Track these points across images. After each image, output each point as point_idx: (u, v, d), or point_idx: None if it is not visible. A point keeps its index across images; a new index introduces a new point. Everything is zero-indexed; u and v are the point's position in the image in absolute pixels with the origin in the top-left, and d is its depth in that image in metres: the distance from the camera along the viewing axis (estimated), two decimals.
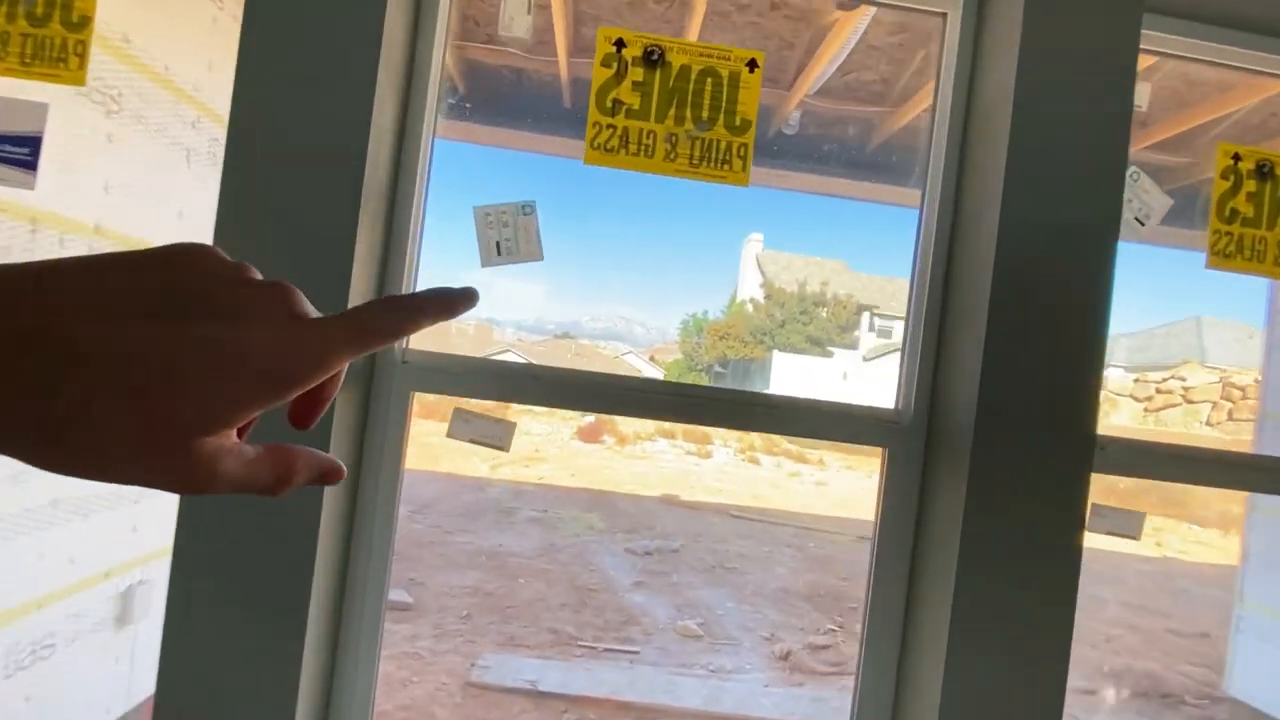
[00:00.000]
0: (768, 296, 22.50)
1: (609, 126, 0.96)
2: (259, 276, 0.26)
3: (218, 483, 0.24)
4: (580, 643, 3.38)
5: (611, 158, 0.95)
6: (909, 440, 0.99)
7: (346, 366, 0.28)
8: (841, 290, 22.34)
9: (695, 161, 0.97)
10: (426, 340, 0.92)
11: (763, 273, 24.13)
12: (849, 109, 2.87)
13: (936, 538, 0.90)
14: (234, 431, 0.25)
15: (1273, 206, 1.00)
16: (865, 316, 22.87)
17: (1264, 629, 3.06)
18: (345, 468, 0.30)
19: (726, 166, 0.98)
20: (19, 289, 0.21)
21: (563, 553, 4.97)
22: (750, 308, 22.77)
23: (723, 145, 0.97)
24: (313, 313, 0.26)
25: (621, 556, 5.01)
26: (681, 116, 0.96)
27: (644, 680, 3.03)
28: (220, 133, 2.10)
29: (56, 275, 0.22)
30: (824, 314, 21.63)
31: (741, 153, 0.97)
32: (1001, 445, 0.87)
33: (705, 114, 0.97)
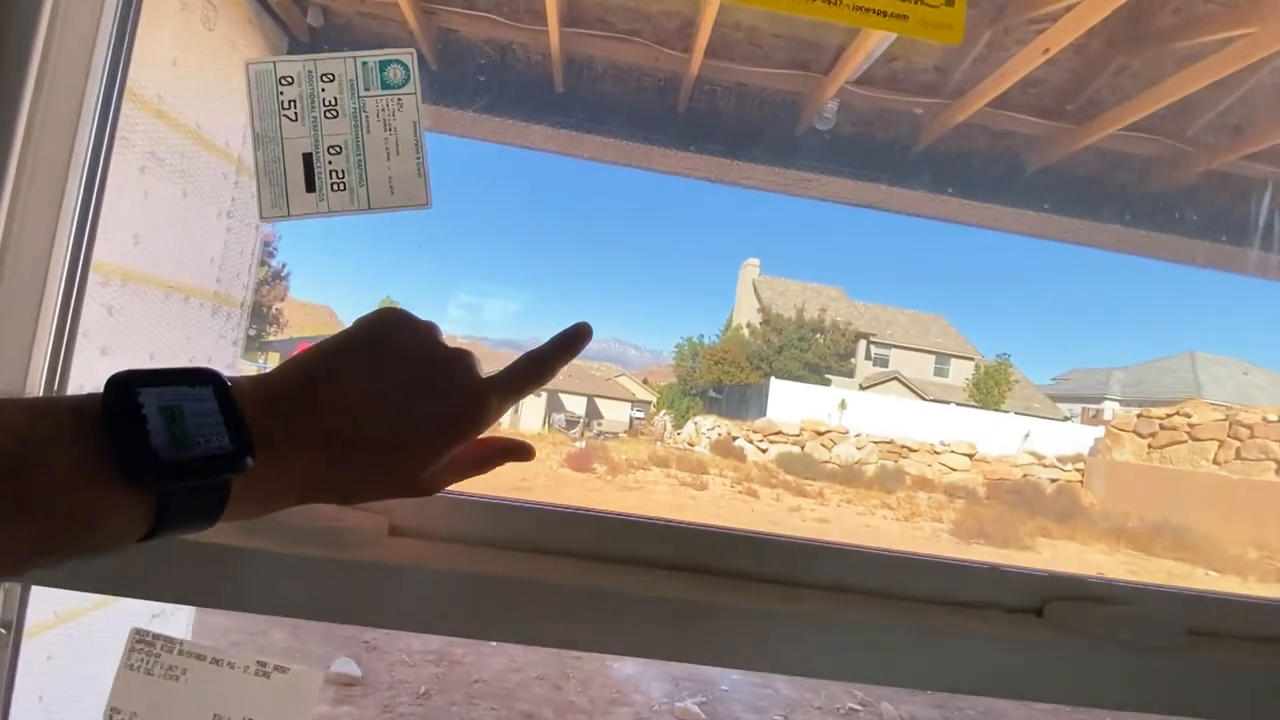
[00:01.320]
0: (765, 322, 22.12)
1: None
2: (443, 340, 0.39)
3: (437, 489, 0.39)
4: None
5: None
6: None
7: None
8: (840, 318, 22.00)
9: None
10: None
11: (759, 298, 23.81)
12: (894, 100, 2.42)
13: None
14: None
15: None
16: (862, 345, 22.54)
17: None
18: (533, 447, 0.43)
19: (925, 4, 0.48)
20: (308, 398, 0.34)
21: None
22: (747, 332, 22.37)
23: None
24: (481, 372, 0.39)
25: None
26: None
27: None
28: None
29: (325, 379, 0.35)
30: (821, 341, 21.23)
31: None
32: None
33: None
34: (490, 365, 0.39)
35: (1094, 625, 0.37)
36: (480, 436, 0.39)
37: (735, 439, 14.16)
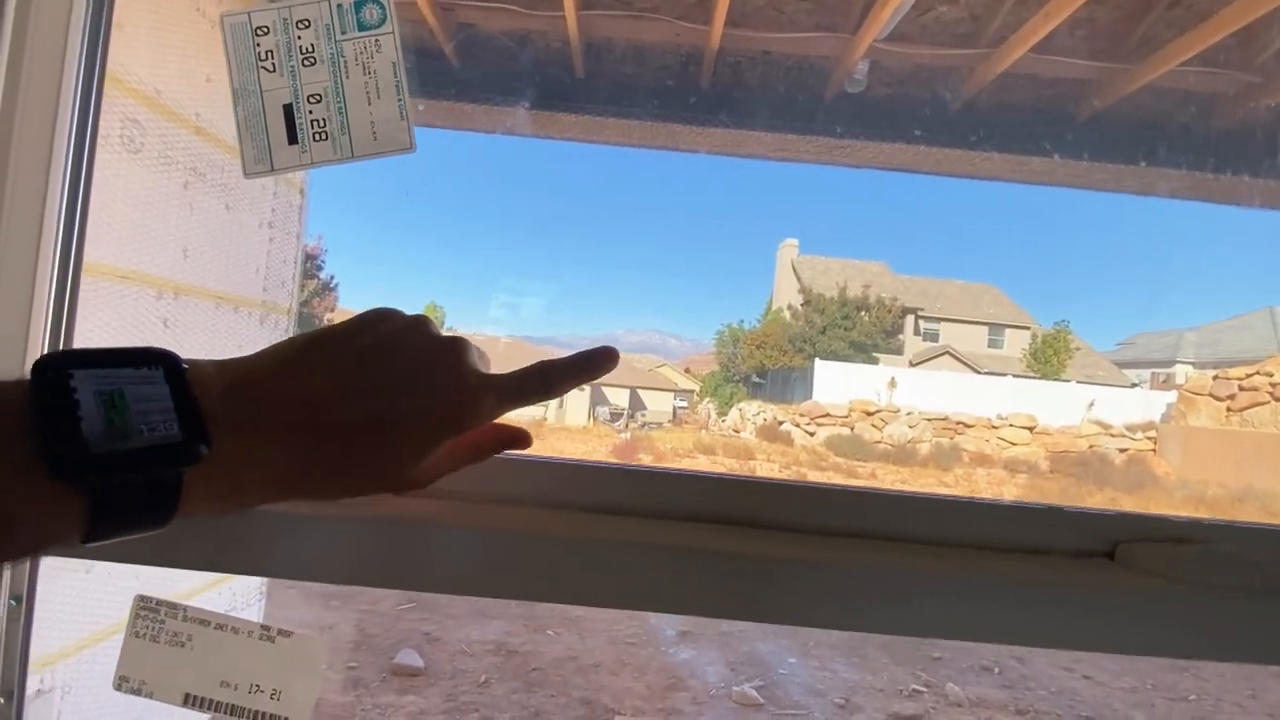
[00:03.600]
0: (806, 303, 21.65)
1: None
2: (436, 332, 0.36)
3: (429, 482, 0.37)
4: (618, 715, 2.85)
5: None
6: None
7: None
8: (885, 293, 21.34)
9: None
10: None
11: (799, 279, 23.32)
12: (929, 55, 2.31)
13: None
14: None
15: None
16: (909, 320, 21.83)
17: None
18: (530, 434, 0.40)
19: None
20: (279, 383, 0.32)
21: None
22: (788, 315, 21.95)
23: None
24: (479, 366, 0.37)
25: None
26: None
27: None
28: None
29: (299, 365, 0.33)
30: (866, 319, 20.66)
31: None
32: None
33: None
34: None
35: (1172, 567, 0.34)
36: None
37: (781, 423, 13.97)
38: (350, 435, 0.31)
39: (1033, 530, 0.37)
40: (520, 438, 0.39)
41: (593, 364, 0.39)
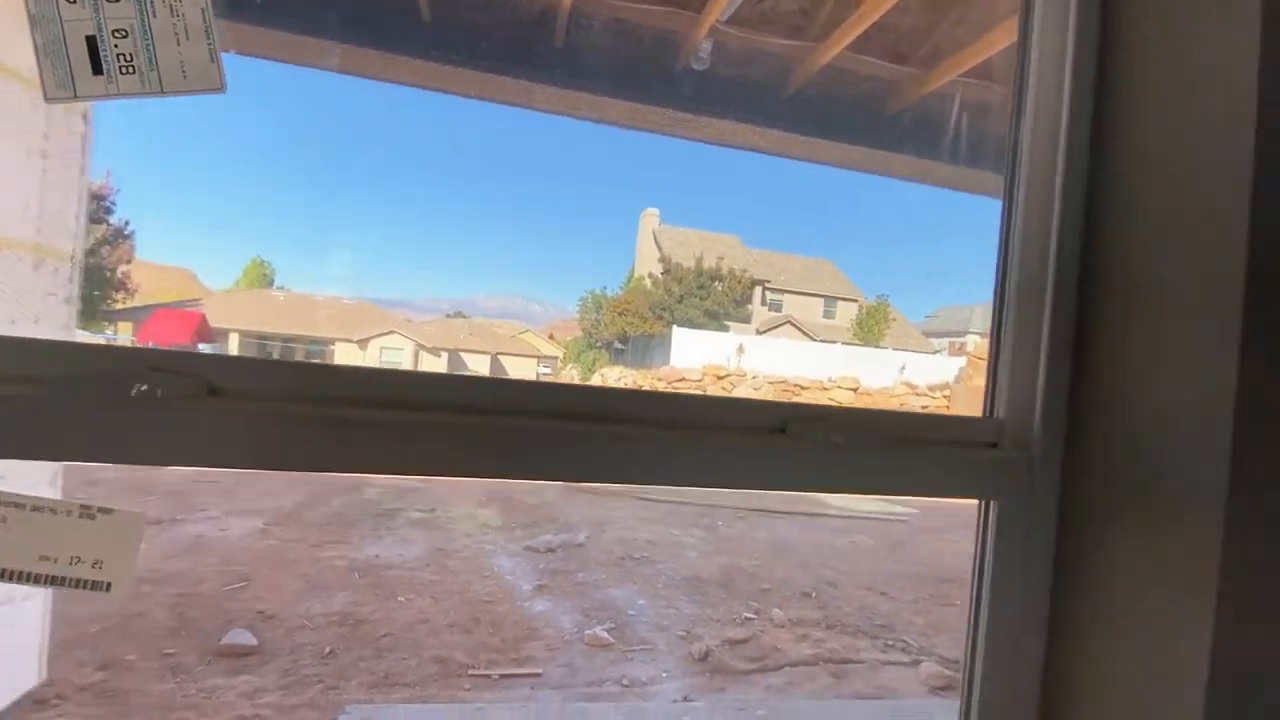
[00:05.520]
0: (666, 271, 22.41)
1: None
2: None
3: None
4: (472, 671, 2.90)
5: None
6: (1036, 483, 0.58)
7: None
8: (737, 265, 22.71)
9: None
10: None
11: (660, 248, 24.01)
12: (765, 42, 2.50)
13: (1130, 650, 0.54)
14: None
15: None
16: (758, 291, 23.49)
17: None
18: None
19: None
20: None
21: (453, 559, 4.40)
22: (649, 283, 22.59)
23: None
24: None
25: (521, 557, 4.52)
26: None
27: (548, 715, 2.60)
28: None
29: None
30: (720, 289, 21.89)
31: None
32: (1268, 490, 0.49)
33: None
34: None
35: (813, 434, 0.50)
36: None
37: (641, 389, 14.48)
38: None
39: (732, 414, 0.51)
40: None
41: None
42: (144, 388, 0.40)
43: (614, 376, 15.39)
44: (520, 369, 21.11)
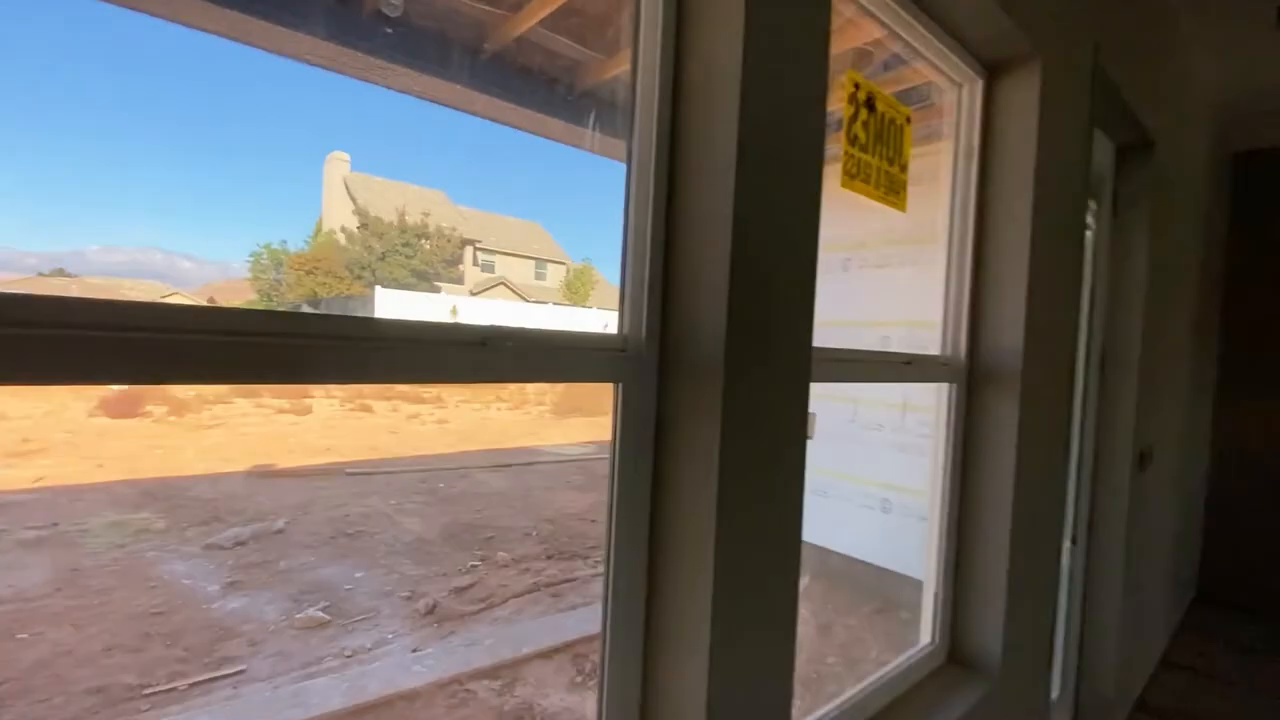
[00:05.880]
0: (363, 225, 20.23)
1: None
2: None
3: None
4: (149, 690, 2.47)
5: None
6: (643, 371, 0.87)
7: None
8: (445, 223, 21.76)
9: None
10: None
11: (354, 199, 21.50)
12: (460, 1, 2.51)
13: (686, 464, 0.82)
14: None
15: (874, 136, 1.19)
16: (469, 251, 22.98)
17: None
18: None
19: None
20: None
21: (96, 577, 3.54)
22: (343, 238, 20.15)
23: None
24: None
25: (201, 558, 3.87)
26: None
27: (259, 705, 2.40)
28: None
29: None
30: (428, 247, 20.74)
31: None
32: (748, 366, 0.82)
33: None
34: None
35: (507, 344, 0.71)
36: None
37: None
38: None
39: (450, 333, 0.68)
40: None
41: None
42: None
43: None
44: None
